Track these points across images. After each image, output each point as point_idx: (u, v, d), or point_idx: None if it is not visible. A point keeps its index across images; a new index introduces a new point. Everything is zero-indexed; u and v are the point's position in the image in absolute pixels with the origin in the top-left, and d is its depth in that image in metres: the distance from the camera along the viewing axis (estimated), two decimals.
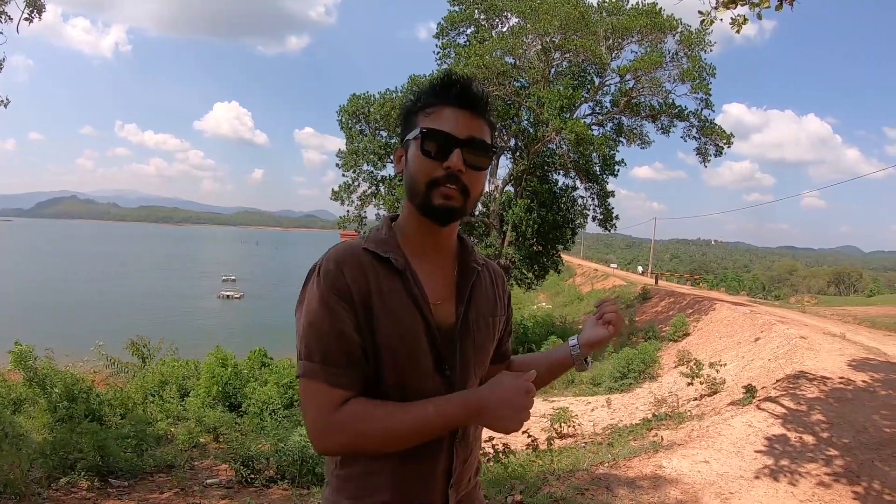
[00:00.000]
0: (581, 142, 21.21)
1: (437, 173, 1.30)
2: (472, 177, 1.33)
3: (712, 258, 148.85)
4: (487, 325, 1.49)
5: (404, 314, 1.32)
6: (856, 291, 50.59)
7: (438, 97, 1.35)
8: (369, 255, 1.35)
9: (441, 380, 1.36)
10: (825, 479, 4.95)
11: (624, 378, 15.22)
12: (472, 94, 1.35)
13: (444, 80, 1.36)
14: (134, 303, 52.09)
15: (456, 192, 1.31)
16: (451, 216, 1.35)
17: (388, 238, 1.40)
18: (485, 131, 1.37)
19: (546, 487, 5.05)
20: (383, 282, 1.33)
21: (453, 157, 1.29)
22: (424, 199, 1.33)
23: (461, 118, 1.33)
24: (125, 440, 6.81)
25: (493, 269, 1.60)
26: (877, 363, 9.39)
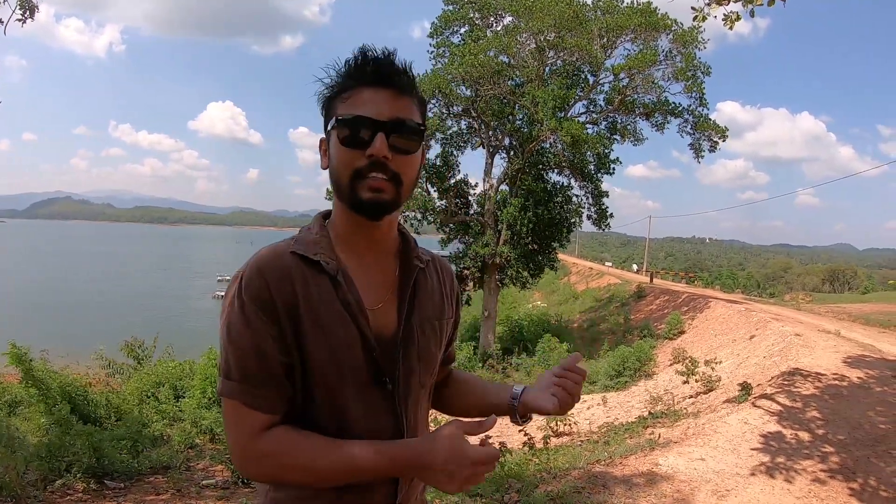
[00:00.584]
0: (577, 143, 21.20)
1: (360, 163, 1.18)
2: (400, 162, 1.20)
3: (707, 256, 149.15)
4: (434, 329, 1.36)
5: (335, 325, 1.20)
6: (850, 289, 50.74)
7: (354, 78, 1.22)
8: (297, 259, 1.22)
9: (381, 394, 1.25)
10: (821, 476, 4.97)
11: (619, 376, 15.24)
12: (390, 70, 1.21)
13: (357, 58, 1.22)
14: (129, 303, 52.03)
15: (384, 182, 1.18)
16: (381, 209, 1.21)
17: (319, 238, 1.27)
18: (411, 110, 1.23)
19: (543, 486, 5.06)
20: (312, 288, 1.20)
21: (376, 142, 1.16)
22: (351, 194, 1.20)
23: (381, 98, 1.20)
24: (121, 442, 6.79)
25: (440, 266, 1.47)
26: (871, 360, 9.42)
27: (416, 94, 1.26)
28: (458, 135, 26.38)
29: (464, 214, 25.53)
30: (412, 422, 1.30)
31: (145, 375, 12.23)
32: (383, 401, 1.25)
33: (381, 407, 1.25)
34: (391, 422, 1.26)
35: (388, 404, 1.25)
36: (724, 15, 5.11)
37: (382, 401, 1.25)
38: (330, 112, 1.25)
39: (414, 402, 1.31)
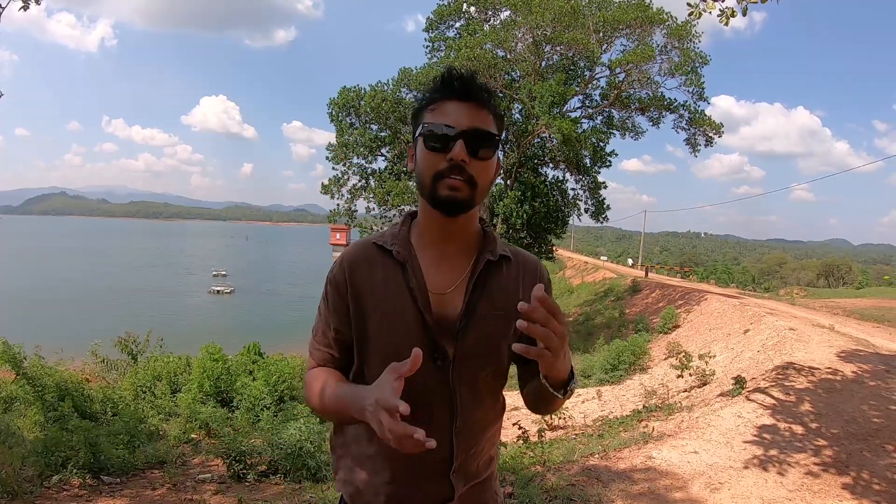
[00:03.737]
0: (568, 141, 21.23)
1: (441, 166, 1.33)
2: (477, 167, 1.34)
3: (702, 251, 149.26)
4: (501, 320, 1.44)
5: (398, 305, 1.38)
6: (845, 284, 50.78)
7: (440, 93, 1.38)
8: (377, 249, 1.44)
9: (434, 371, 1.37)
10: (814, 469, 4.99)
11: (614, 370, 15.26)
12: (473, 87, 1.37)
13: (445, 76, 1.38)
14: (125, 299, 51.99)
15: (461, 183, 1.33)
16: (457, 206, 1.36)
17: (401, 232, 1.47)
18: (489, 122, 1.38)
19: (537, 479, 5.08)
20: (382, 274, 1.41)
21: (455, 147, 1.31)
22: (431, 192, 1.36)
23: (463, 110, 1.35)
24: (117, 437, 6.79)
25: (523, 263, 1.55)
26: (865, 354, 9.45)
27: (493, 109, 1.41)
28: None
29: None
30: (468, 403, 1.43)
31: (141, 370, 12.23)
32: (437, 377, 1.38)
33: (435, 383, 1.39)
34: (445, 398, 1.41)
35: (442, 381, 1.39)
36: (720, 11, 5.12)
37: (436, 377, 1.38)
38: (418, 121, 1.42)
39: (471, 384, 1.43)
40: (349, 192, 25.83)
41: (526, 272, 1.53)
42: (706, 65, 22.89)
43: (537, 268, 1.56)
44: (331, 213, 26.52)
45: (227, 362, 11.98)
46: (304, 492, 5.54)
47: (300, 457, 6.13)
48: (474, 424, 1.45)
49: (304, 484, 5.87)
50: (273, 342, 17.95)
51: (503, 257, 1.49)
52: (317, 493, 5.36)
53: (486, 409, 1.48)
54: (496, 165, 1.43)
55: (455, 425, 1.41)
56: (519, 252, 1.56)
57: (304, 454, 6.12)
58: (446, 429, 1.40)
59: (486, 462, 1.54)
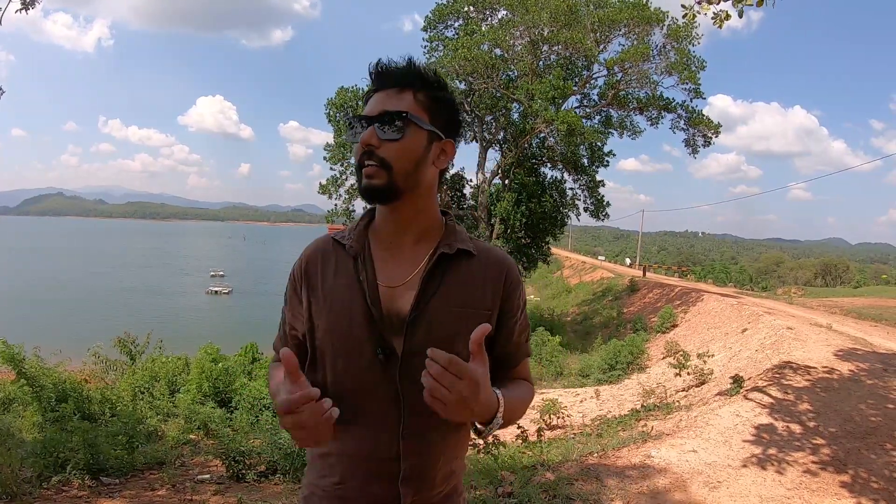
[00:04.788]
0: (573, 133, 21.21)
1: (360, 155, 1.33)
2: (388, 149, 1.31)
3: (700, 250, 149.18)
4: (458, 316, 1.36)
5: (346, 298, 1.36)
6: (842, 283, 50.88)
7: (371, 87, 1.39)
8: (333, 244, 1.44)
9: (381, 367, 1.33)
10: (812, 468, 5.01)
11: (612, 369, 15.31)
12: (387, 73, 1.36)
13: (369, 71, 1.38)
14: (123, 299, 51.87)
15: (374, 169, 1.31)
16: (375, 193, 1.34)
17: (359, 226, 1.45)
18: (403, 102, 1.33)
19: (536, 478, 5.09)
20: (336, 268, 1.40)
21: (364, 134, 1.31)
22: (357, 183, 1.37)
23: (377, 99, 1.35)
24: (116, 438, 6.79)
25: (490, 258, 1.46)
26: (863, 353, 9.47)
27: (424, 91, 1.37)
28: None
29: (457, 208, 25.54)
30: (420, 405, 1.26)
31: (139, 371, 12.21)
32: (382, 373, 1.33)
33: (380, 381, 1.34)
34: (390, 394, 1.34)
35: (388, 380, 1.34)
36: (714, 14, 5.11)
37: (382, 373, 1.33)
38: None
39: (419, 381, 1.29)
40: (346, 192, 25.79)
41: (490, 270, 1.44)
42: (703, 70, 22.93)
43: (504, 267, 1.46)
44: (328, 213, 26.47)
45: (226, 363, 11.98)
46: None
47: (300, 457, 6.13)
48: (427, 427, 1.35)
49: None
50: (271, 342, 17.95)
51: (464, 252, 1.42)
52: None
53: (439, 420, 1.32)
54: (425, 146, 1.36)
55: (402, 426, 1.34)
56: (486, 248, 1.48)
57: (304, 454, 6.12)
58: (392, 429, 1.34)
59: (445, 474, 1.43)
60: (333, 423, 1.22)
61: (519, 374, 1.56)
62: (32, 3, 6.26)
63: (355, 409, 1.34)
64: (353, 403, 1.33)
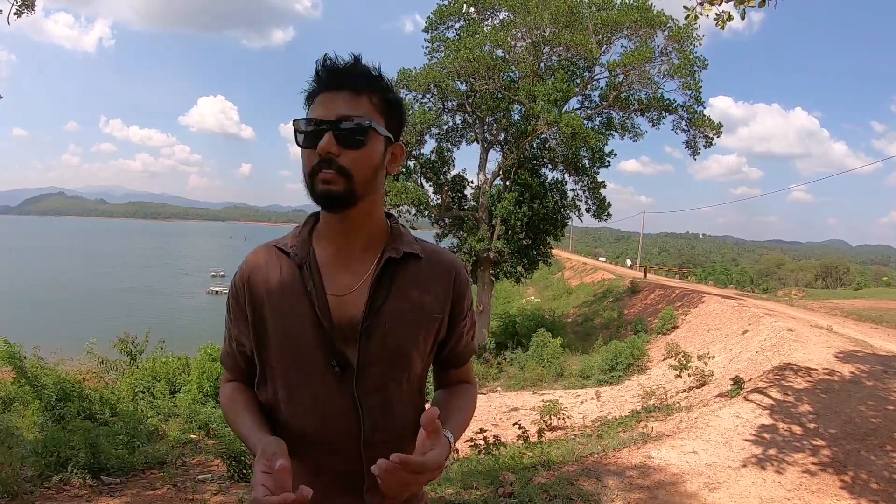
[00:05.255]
0: (576, 136, 21.20)
1: (314, 161, 1.26)
2: (349, 157, 1.26)
3: (700, 252, 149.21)
4: (408, 323, 1.36)
5: (293, 309, 1.32)
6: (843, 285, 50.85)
7: (316, 85, 1.31)
8: (276, 252, 1.39)
9: (335, 380, 1.30)
10: (812, 469, 5.02)
11: (613, 371, 15.31)
12: (341, 73, 1.29)
13: (316, 68, 1.31)
14: (123, 299, 51.94)
15: (333, 175, 1.25)
16: (334, 201, 1.28)
17: (301, 233, 1.41)
18: (361, 107, 1.28)
19: (536, 479, 5.10)
20: (281, 276, 1.35)
21: (322, 140, 1.24)
22: (310, 189, 1.29)
23: (331, 100, 1.28)
24: (117, 437, 6.80)
25: (439, 260, 1.45)
26: (863, 355, 9.47)
27: (378, 94, 1.32)
28: (454, 130, 26.40)
29: (458, 209, 25.55)
30: (377, 414, 1.33)
31: (140, 371, 12.22)
32: (338, 386, 1.30)
33: (336, 393, 1.30)
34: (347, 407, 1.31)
35: (344, 390, 1.30)
36: (716, 15, 5.12)
37: (336, 386, 1.30)
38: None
39: (380, 394, 1.34)
40: None
41: (439, 272, 1.43)
42: (705, 69, 22.93)
43: (452, 269, 1.45)
44: None
45: None
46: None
47: None
48: (388, 436, 1.34)
49: None
50: None
51: (410, 255, 1.39)
52: None
53: (401, 417, 1.38)
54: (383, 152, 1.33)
55: (363, 437, 1.31)
56: (433, 250, 1.46)
57: None
58: (353, 442, 1.31)
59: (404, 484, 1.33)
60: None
61: (463, 376, 1.58)
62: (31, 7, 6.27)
63: (313, 423, 1.31)
64: (310, 418, 1.32)
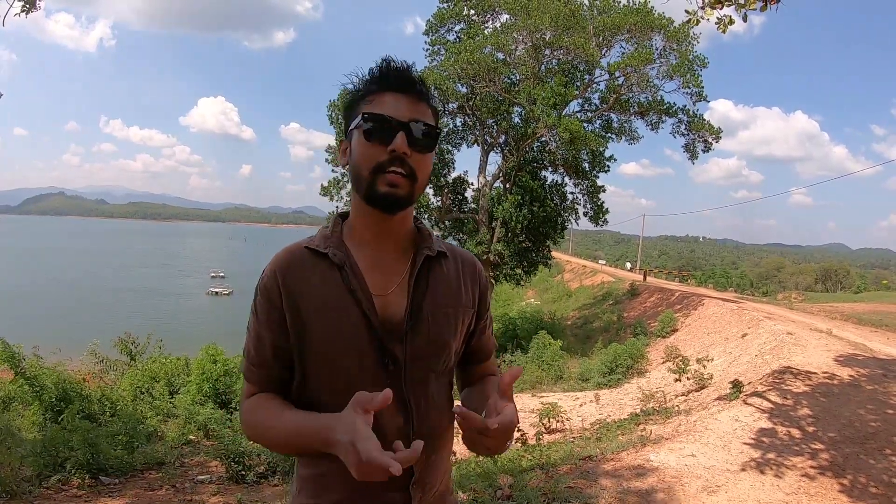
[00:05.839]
0: (575, 140, 21.21)
1: (382, 158, 1.27)
2: (417, 160, 1.29)
3: (700, 255, 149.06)
4: (447, 317, 1.40)
5: (340, 310, 1.30)
6: (843, 288, 50.88)
7: (378, 84, 1.33)
8: (310, 253, 1.35)
9: (386, 376, 1.30)
10: (810, 472, 5.01)
11: (612, 373, 15.29)
12: (410, 78, 1.33)
13: (381, 67, 1.34)
14: (123, 300, 51.93)
15: (401, 179, 1.27)
16: (397, 204, 1.30)
17: (332, 233, 1.39)
18: (427, 114, 1.34)
19: (535, 481, 5.10)
20: (319, 279, 1.32)
21: (397, 139, 1.26)
22: (369, 187, 1.29)
23: (403, 102, 1.31)
24: (116, 438, 6.80)
25: (461, 258, 1.51)
26: (863, 359, 9.47)
27: (431, 102, 1.37)
28: (454, 132, 26.46)
29: (458, 212, 25.56)
30: (422, 407, 1.36)
31: (139, 372, 12.22)
32: (387, 383, 1.25)
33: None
34: (397, 405, 1.29)
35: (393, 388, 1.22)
36: (717, 19, 5.12)
37: (387, 383, 1.25)
38: (353, 113, 1.36)
39: (423, 387, 1.36)
40: (348, 195, 25.71)
41: (465, 268, 1.49)
42: (704, 68, 22.93)
43: (475, 264, 1.54)
44: (329, 214, 26.48)
45: (227, 364, 11.99)
46: None
47: None
48: (431, 429, 1.37)
49: None
50: None
51: (440, 253, 1.44)
52: None
53: (440, 410, 1.41)
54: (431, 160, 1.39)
55: (412, 432, 1.32)
56: (455, 248, 1.52)
57: None
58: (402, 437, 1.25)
59: (444, 472, 1.46)
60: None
61: (489, 370, 1.63)
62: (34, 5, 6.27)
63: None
64: None
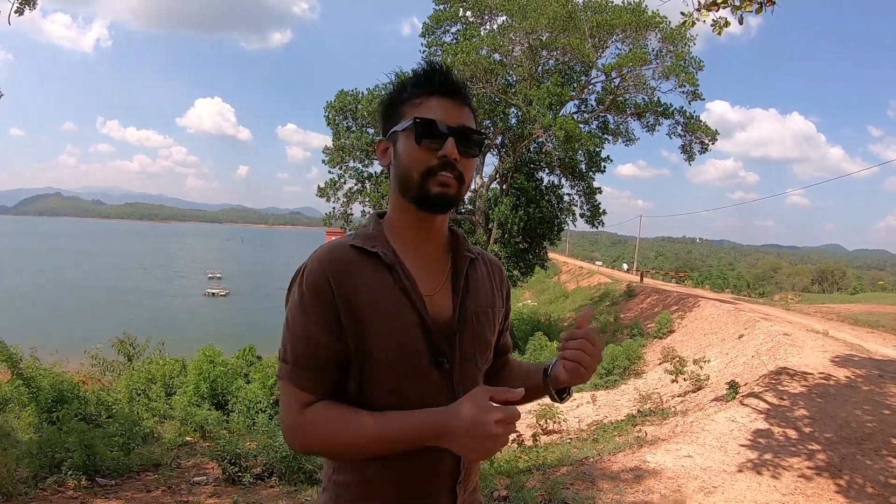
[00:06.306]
0: (570, 139, 21.22)
1: (432, 162, 1.29)
2: (465, 164, 1.32)
3: (697, 256, 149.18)
4: (487, 316, 1.44)
5: (395, 310, 1.28)
6: (839, 289, 50.93)
7: (423, 87, 1.35)
8: (356, 252, 1.31)
9: (439, 375, 1.31)
10: (807, 473, 5.02)
11: (609, 375, 15.29)
12: (455, 83, 1.36)
13: (427, 71, 1.37)
14: (120, 301, 51.80)
15: (453, 180, 1.30)
16: (448, 204, 1.32)
17: (376, 233, 1.37)
18: (471, 119, 1.37)
19: (531, 482, 5.10)
20: (371, 278, 1.29)
21: (448, 145, 1.28)
22: (420, 190, 1.30)
23: (449, 107, 1.33)
24: (112, 439, 6.79)
25: (489, 260, 1.56)
26: (859, 359, 9.49)
27: (471, 105, 1.40)
28: None
29: (455, 213, 25.55)
30: None
31: (136, 373, 12.20)
32: (441, 382, 1.32)
33: (440, 388, 1.31)
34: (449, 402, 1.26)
35: (447, 386, 1.32)
36: (713, 21, 5.12)
37: (441, 382, 1.32)
38: (396, 115, 1.38)
39: (471, 383, 1.36)
40: (345, 196, 25.75)
41: (494, 270, 1.55)
42: (700, 70, 22.95)
43: (501, 266, 1.60)
44: (326, 216, 26.45)
45: (224, 365, 11.99)
46: (300, 494, 5.54)
47: (296, 459, 6.13)
48: None
49: (299, 486, 5.88)
50: (268, 345, 17.86)
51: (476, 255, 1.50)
52: (312, 495, 5.36)
53: None
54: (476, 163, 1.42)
55: None
56: (481, 251, 1.56)
57: (300, 457, 6.12)
58: None
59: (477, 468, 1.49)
60: None
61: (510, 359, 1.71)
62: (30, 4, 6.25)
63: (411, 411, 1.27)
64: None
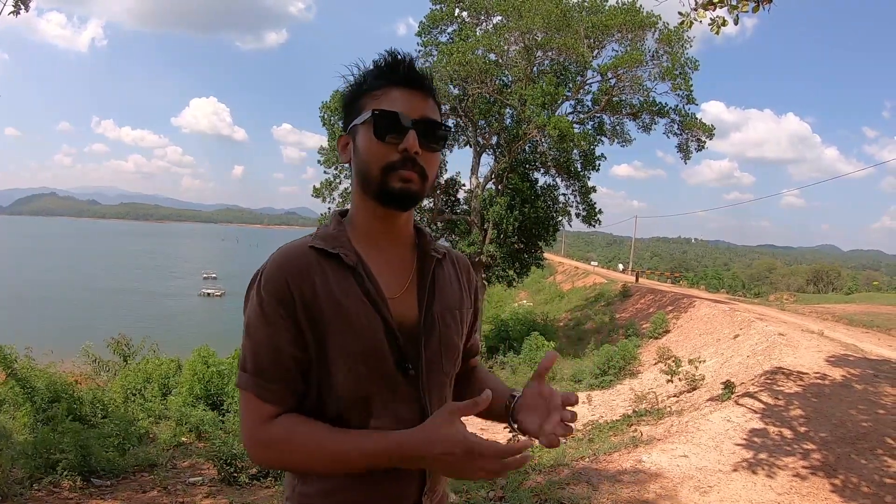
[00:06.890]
0: (564, 138, 21.23)
1: (393, 157, 1.22)
2: (427, 158, 1.25)
3: (693, 256, 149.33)
4: (454, 318, 1.38)
5: (359, 314, 1.22)
6: (834, 289, 51.02)
7: (384, 78, 1.27)
8: (317, 254, 1.25)
9: (405, 381, 1.25)
10: (802, 472, 5.03)
11: (604, 375, 15.31)
12: (418, 74, 1.28)
13: (388, 61, 1.28)
14: (116, 301, 51.73)
15: (415, 175, 1.23)
16: (410, 200, 1.26)
17: (338, 233, 1.30)
18: (434, 111, 1.29)
19: (527, 482, 5.10)
20: (332, 281, 1.23)
21: (409, 138, 1.21)
22: (381, 185, 1.24)
23: (411, 98, 1.26)
24: (107, 439, 6.77)
25: (456, 259, 1.50)
26: (854, 359, 9.51)
27: (436, 97, 1.33)
28: None
29: (451, 213, 25.56)
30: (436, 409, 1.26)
31: (131, 373, 12.18)
32: (407, 388, 1.26)
33: (406, 394, 1.26)
34: (415, 409, 1.27)
35: (413, 392, 1.27)
36: (710, 20, 5.14)
37: (406, 388, 1.26)
38: (356, 107, 1.30)
39: (438, 390, 1.33)
40: (341, 196, 25.71)
41: (461, 269, 1.49)
42: (696, 70, 23.00)
43: (468, 265, 1.54)
44: (321, 216, 26.43)
45: (219, 365, 11.95)
46: None
47: None
48: None
49: None
50: None
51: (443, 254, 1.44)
52: None
53: None
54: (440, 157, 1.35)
55: None
56: (448, 248, 1.50)
57: None
58: None
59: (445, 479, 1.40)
60: None
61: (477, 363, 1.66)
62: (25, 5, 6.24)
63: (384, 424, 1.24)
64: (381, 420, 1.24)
